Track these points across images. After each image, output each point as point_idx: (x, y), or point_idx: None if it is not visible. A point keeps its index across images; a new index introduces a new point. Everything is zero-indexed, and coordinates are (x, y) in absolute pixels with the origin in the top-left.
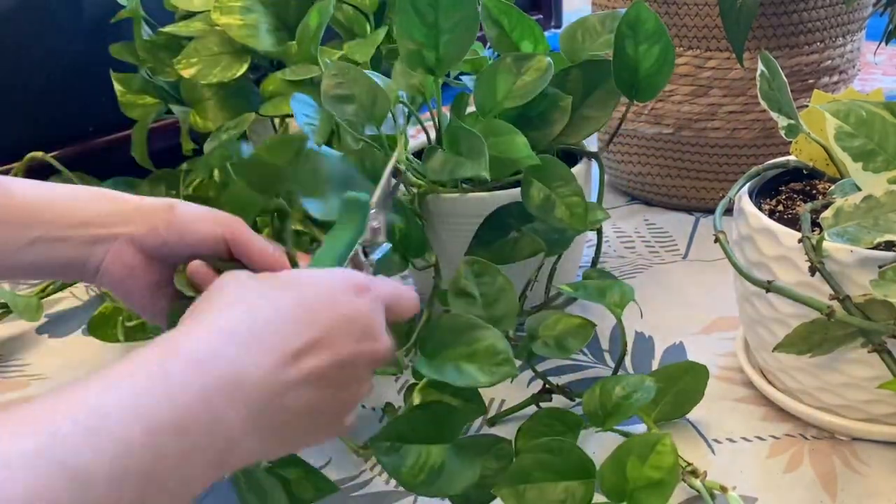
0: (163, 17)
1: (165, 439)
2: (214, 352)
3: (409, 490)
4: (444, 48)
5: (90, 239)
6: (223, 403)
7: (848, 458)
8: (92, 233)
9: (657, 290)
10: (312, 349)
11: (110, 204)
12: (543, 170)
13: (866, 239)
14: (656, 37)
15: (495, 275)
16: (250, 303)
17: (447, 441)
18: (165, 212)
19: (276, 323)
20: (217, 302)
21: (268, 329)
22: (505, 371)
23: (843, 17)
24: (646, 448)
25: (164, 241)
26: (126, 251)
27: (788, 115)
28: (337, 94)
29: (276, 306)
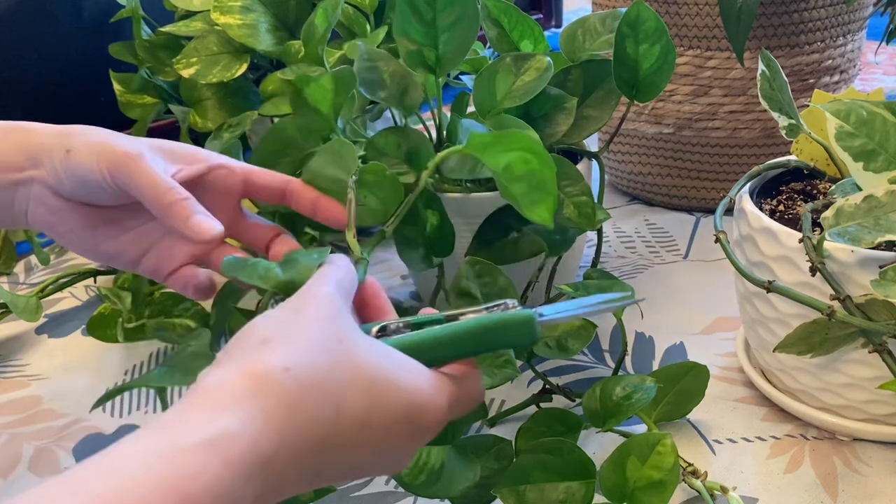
0: (162, 17)
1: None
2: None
3: (409, 491)
4: (443, 47)
5: (7, 182)
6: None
7: (849, 458)
8: (10, 176)
9: (657, 290)
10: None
11: (18, 142)
12: None
13: (867, 239)
14: (657, 36)
15: (497, 275)
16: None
17: (447, 442)
18: (63, 156)
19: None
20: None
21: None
22: (506, 373)
23: (843, 17)
24: (646, 448)
25: (67, 186)
26: (45, 195)
27: (789, 115)
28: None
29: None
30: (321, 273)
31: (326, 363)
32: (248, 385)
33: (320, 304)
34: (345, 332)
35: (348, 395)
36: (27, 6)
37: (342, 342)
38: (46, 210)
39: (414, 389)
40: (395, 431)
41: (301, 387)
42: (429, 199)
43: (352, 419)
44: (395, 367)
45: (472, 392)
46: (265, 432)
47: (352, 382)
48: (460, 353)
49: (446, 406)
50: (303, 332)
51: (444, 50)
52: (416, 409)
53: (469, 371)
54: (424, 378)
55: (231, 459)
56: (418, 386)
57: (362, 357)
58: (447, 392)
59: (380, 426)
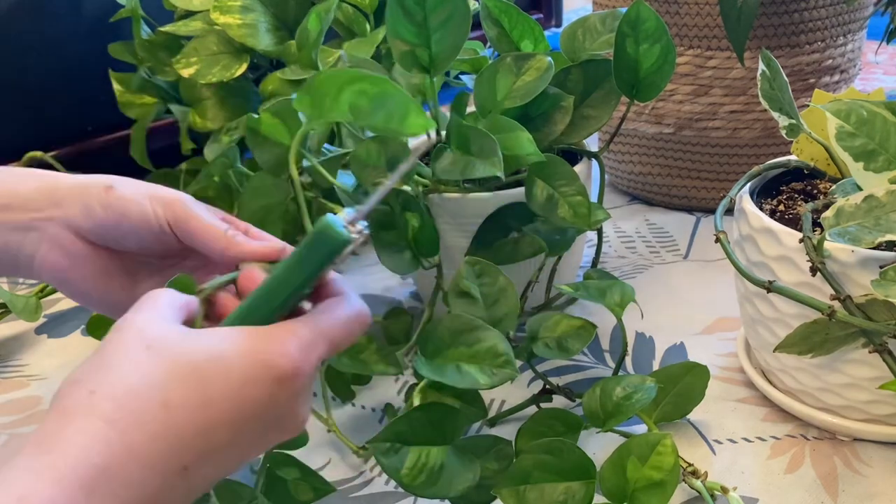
0: (162, 17)
1: None
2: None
3: (409, 491)
4: (436, 46)
5: (18, 224)
6: None
7: (849, 458)
8: (19, 217)
9: (658, 290)
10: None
11: (39, 184)
12: (547, 168)
13: (867, 239)
14: (657, 36)
15: (496, 275)
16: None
17: (447, 442)
18: (102, 192)
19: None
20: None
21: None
22: (506, 373)
23: (844, 17)
24: (646, 449)
25: (102, 224)
26: (64, 237)
27: (789, 115)
28: None
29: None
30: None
31: (135, 371)
32: (61, 418)
33: (121, 330)
34: (152, 339)
35: (172, 388)
36: (27, 6)
37: (150, 348)
38: (62, 253)
39: (243, 351)
40: (247, 397)
41: (113, 399)
42: (407, 201)
43: (186, 406)
44: (217, 343)
45: (339, 316)
46: (91, 446)
47: (171, 376)
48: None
49: (296, 346)
50: (107, 360)
51: (437, 49)
52: (255, 367)
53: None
54: (252, 339)
55: (60, 477)
56: (246, 349)
57: (176, 350)
58: (291, 332)
59: (226, 399)
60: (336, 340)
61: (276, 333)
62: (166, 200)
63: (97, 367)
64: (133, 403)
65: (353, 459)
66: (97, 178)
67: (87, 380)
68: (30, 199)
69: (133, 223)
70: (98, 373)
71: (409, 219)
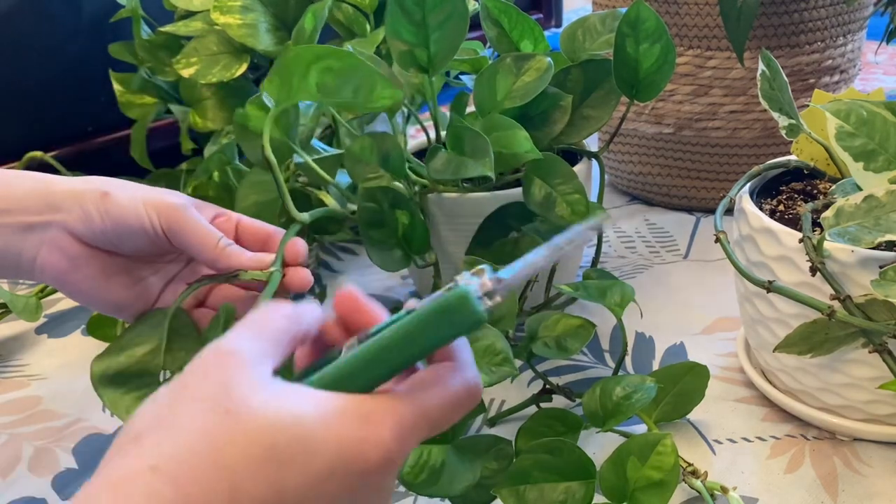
0: (162, 17)
1: None
2: None
3: (410, 490)
4: (434, 46)
5: (18, 227)
6: None
7: (849, 458)
8: (19, 220)
9: (658, 290)
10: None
11: (34, 186)
12: (545, 167)
13: (867, 239)
14: (657, 36)
15: None
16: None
17: (448, 441)
18: (98, 198)
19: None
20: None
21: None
22: (504, 371)
23: (843, 17)
24: (646, 448)
25: (100, 230)
26: (63, 240)
27: (789, 115)
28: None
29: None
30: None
31: (207, 446)
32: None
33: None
34: (236, 400)
35: (244, 473)
36: (27, 6)
37: (229, 413)
38: (62, 256)
39: (332, 440)
40: (325, 490)
41: (175, 484)
42: (396, 199)
43: (255, 497)
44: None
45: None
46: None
47: (246, 456)
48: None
49: (389, 436)
50: (178, 419)
51: (436, 49)
52: (342, 458)
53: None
54: (347, 416)
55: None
56: (338, 432)
57: (258, 422)
58: (390, 417)
59: (301, 494)
60: (439, 424)
61: (373, 415)
62: (161, 207)
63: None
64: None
65: None
66: (92, 181)
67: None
68: (26, 202)
69: (129, 230)
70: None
71: (399, 216)
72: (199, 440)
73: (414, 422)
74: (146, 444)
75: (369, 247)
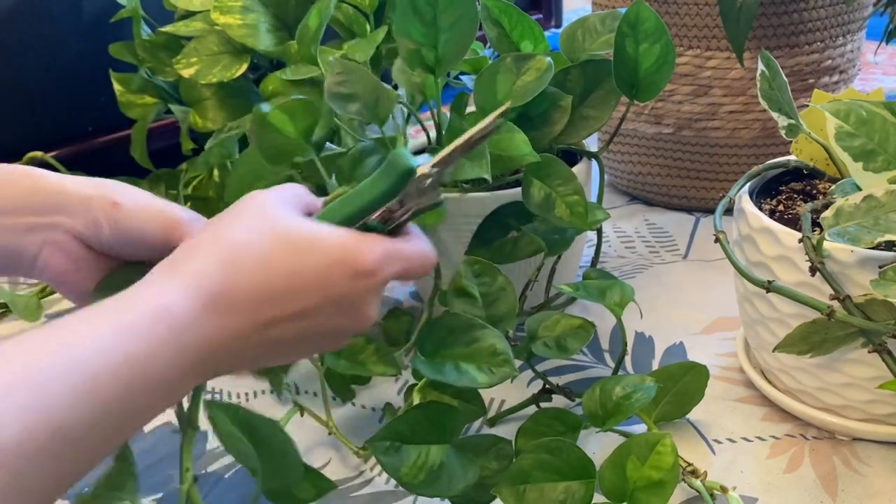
0: (162, 17)
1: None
2: (193, 319)
3: (409, 490)
4: (443, 47)
5: (22, 227)
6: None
7: (848, 458)
8: (23, 220)
9: (657, 290)
10: (289, 320)
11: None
12: (544, 168)
13: (866, 239)
14: (657, 36)
15: (495, 275)
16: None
17: (446, 441)
18: (109, 207)
19: (262, 290)
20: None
21: (251, 296)
22: (504, 372)
23: (843, 17)
24: (646, 448)
25: (108, 239)
26: (68, 243)
27: (789, 115)
28: (340, 92)
29: (268, 272)
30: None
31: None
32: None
33: (251, 202)
34: (271, 214)
35: (275, 254)
36: (27, 6)
37: (266, 220)
38: (65, 257)
39: (338, 241)
40: (331, 276)
41: (230, 250)
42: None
43: (281, 271)
44: (319, 230)
45: (414, 247)
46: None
47: (276, 244)
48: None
49: (381, 251)
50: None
51: (444, 50)
52: (345, 255)
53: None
54: (349, 234)
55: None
56: (342, 239)
57: (286, 226)
58: (379, 241)
59: (314, 273)
60: (408, 267)
61: (367, 237)
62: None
63: (220, 224)
64: (244, 258)
65: (353, 459)
66: (103, 186)
67: (212, 230)
68: (30, 201)
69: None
70: (221, 228)
71: None
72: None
73: (393, 252)
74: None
75: None
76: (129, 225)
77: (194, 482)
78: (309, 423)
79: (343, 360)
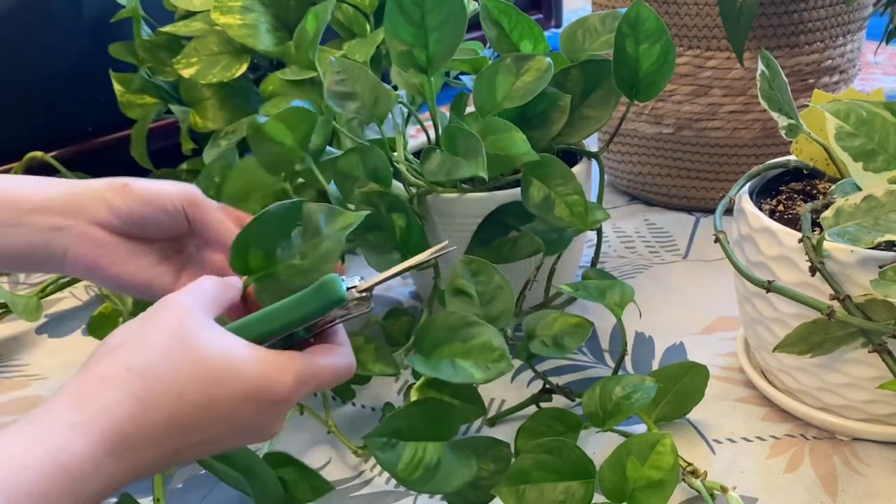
0: (162, 17)
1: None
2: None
3: (405, 486)
4: (433, 47)
5: (48, 226)
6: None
7: (848, 458)
8: (48, 220)
9: (657, 290)
10: (193, 447)
11: (62, 189)
12: (543, 168)
13: (866, 239)
14: (657, 36)
15: (492, 273)
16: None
17: (444, 438)
18: (120, 189)
19: (171, 424)
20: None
21: (160, 433)
22: (500, 367)
23: (843, 17)
24: (646, 448)
25: (127, 215)
26: (91, 232)
27: (789, 115)
28: (340, 91)
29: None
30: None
31: (167, 361)
32: (99, 383)
33: (168, 311)
34: (188, 332)
35: (189, 385)
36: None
37: (184, 341)
38: (91, 245)
39: (253, 372)
40: (242, 409)
41: (143, 381)
42: (392, 203)
43: (195, 403)
44: (235, 356)
45: (331, 364)
46: (120, 415)
47: (192, 373)
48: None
49: (293, 379)
50: (146, 337)
51: (434, 50)
52: (259, 388)
53: (326, 347)
54: (265, 360)
55: (93, 436)
56: (259, 367)
57: (203, 351)
58: (293, 369)
59: (225, 406)
60: (324, 383)
61: (283, 364)
62: (181, 189)
63: (136, 342)
64: (158, 390)
65: (352, 459)
66: (110, 180)
67: (125, 354)
68: (57, 204)
69: (153, 209)
70: (136, 349)
71: (396, 220)
72: (162, 355)
73: (307, 376)
74: (122, 352)
75: (366, 250)
76: (144, 195)
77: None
78: (309, 422)
79: None
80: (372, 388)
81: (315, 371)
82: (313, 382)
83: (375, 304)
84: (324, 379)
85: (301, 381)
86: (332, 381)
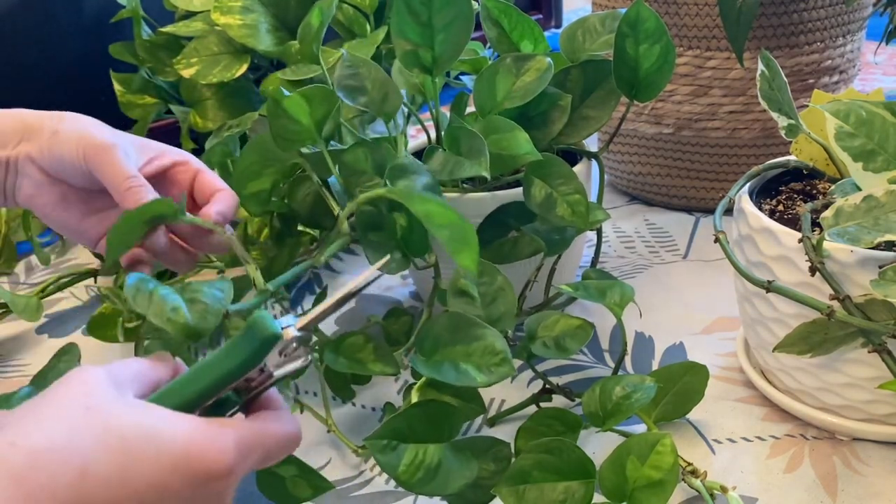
0: (163, 17)
1: None
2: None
3: (406, 488)
4: (439, 47)
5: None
6: None
7: (848, 458)
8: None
9: (657, 290)
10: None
11: (15, 123)
12: (545, 168)
13: (866, 239)
14: (657, 36)
15: (494, 274)
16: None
17: (445, 440)
18: (50, 136)
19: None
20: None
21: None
22: (503, 371)
23: (843, 17)
24: (646, 448)
25: (49, 164)
26: (30, 169)
27: (788, 115)
28: (350, 84)
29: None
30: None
31: (66, 430)
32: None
33: (70, 383)
34: (95, 401)
35: (95, 457)
36: (27, 6)
37: (89, 409)
38: (31, 184)
39: (180, 441)
40: (169, 486)
41: (30, 454)
42: (393, 202)
43: (103, 478)
44: (154, 424)
45: (276, 429)
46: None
47: (99, 444)
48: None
49: (233, 448)
50: (41, 410)
51: (440, 50)
52: (188, 460)
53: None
54: (194, 426)
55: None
56: (186, 435)
57: (113, 420)
58: (231, 432)
59: (146, 481)
60: (271, 453)
61: (218, 431)
62: (93, 145)
63: (31, 414)
64: (50, 464)
65: (352, 459)
66: (54, 118)
67: (15, 427)
68: (8, 138)
69: (66, 166)
70: (27, 421)
71: (397, 219)
72: (58, 425)
73: (252, 443)
74: (11, 428)
75: (368, 249)
76: (60, 151)
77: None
78: (309, 422)
79: (342, 359)
80: (372, 388)
81: (261, 437)
82: (259, 451)
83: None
84: (272, 447)
85: (245, 450)
86: (280, 451)
